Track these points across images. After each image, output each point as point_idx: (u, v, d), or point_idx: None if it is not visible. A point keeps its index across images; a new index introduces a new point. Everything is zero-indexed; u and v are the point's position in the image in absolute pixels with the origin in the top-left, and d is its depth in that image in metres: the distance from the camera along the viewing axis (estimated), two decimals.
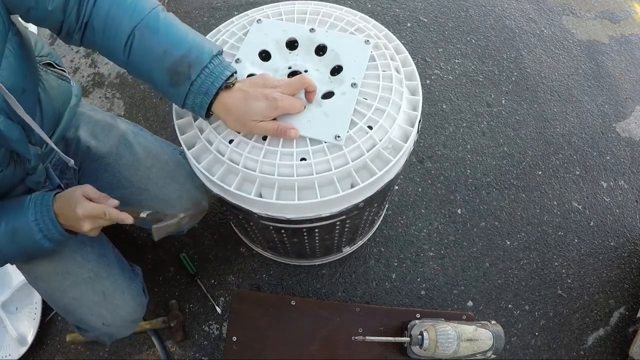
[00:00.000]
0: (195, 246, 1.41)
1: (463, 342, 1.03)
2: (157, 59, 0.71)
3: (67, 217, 0.79)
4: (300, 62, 0.88)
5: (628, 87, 1.77)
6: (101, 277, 0.95)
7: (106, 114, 1.08)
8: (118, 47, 0.72)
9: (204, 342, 1.30)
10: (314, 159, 0.77)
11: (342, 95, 0.83)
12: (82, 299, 0.94)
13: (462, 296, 1.37)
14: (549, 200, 1.52)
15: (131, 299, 0.99)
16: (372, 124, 0.81)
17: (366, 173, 0.80)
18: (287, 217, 0.81)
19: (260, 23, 0.93)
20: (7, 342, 1.25)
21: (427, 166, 1.55)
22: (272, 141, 0.79)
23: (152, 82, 0.76)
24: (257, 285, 1.36)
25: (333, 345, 1.18)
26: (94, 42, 0.74)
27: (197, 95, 0.73)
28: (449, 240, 1.44)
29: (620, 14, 1.96)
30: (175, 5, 1.92)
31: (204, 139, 0.82)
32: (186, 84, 0.71)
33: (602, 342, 1.34)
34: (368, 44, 0.90)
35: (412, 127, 0.84)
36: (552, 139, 1.63)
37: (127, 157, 1.01)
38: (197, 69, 0.71)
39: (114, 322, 0.97)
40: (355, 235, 1.22)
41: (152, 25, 0.71)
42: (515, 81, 1.74)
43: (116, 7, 0.70)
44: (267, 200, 0.77)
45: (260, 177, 0.77)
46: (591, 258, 1.45)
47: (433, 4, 1.91)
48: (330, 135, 0.78)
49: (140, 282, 1.06)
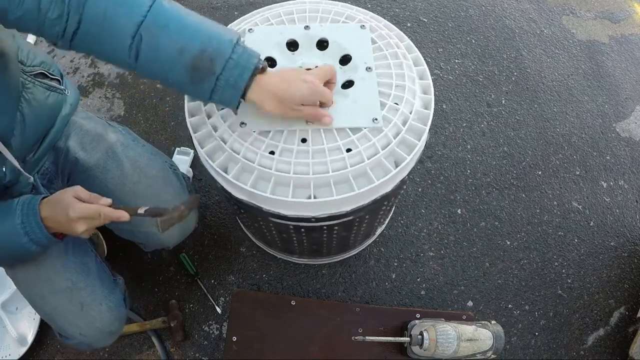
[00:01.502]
0: (195, 246, 1.41)
1: (463, 342, 1.03)
2: (172, 58, 0.64)
3: (57, 221, 0.78)
4: (306, 60, 0.89)
5: (628, 87, 1.77)
6: (79, 287, 0.94)
7: (99, 123, 1.05)
8: (121, 51, 0.64)
9: (204, 342, 1.30)
10: (361, 146, 0.78)
11: (362, 81, 0.85)
12: (59, 308, 0.93)
13: (462, 296, 1.37)
14: (549, 200, 1.52)
15: (108, 310, 0.97)
16: (397, 101, 0.84)
17: (405, 148, 0.83)
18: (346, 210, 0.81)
19: (252, 32, 0.92)
20: (7, 342, 1.25)
21: (427, 166, 1.55)
22: (315, 139, 0.80)
23: (169, 82, 0.69)
24: (257, 285, 1.36)
25: (333, 345, 1.18)
26: (87, 47, 0.66)
27: (225, 89, 0.67)
28: (449, 240, 1.44)
29: (620, 14, 1.96)
30: None
31: (218, 137, 0.82)
32: (211, 80, 0.65)
33: (602, 342, 1.34)
34: (364, 28, 0.92)
35: (430, 95, 0.88)
36: (552, 139, 1.63)
37: (114, 170, 1.00)
38: (221, 62, 0.64)
39: (91, 333, 0.95)
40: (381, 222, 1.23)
41: (160, 22, 0.63)
42: (515, 81, 1.74)
43: (113, 5, 0.62)
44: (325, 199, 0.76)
45: (314, 178, 0.77)
46: (591, 258, 1.45)
47: (433, 4, 1.91)
48: (367, 120, 0.80)
49: (120, 293, 1.04)
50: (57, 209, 0.77)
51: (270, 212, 0.82)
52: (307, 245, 1.11)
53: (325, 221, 0.84)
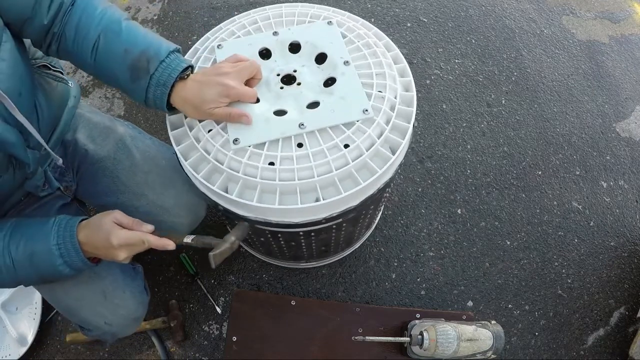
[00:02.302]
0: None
1: (463, 342, 1.03)
2: (119, 58, 0.76)
3: (95, 247, 0.77)
4: (283, 66, 0.89)
5: (628, 87, 1.77)
6: (101, 276, 0.95)
7: (105, 116, 1.07)
8: (86, 52, 0.76)
9: (204, 342, 1.30)
10: (358, 140, 0.79)
11: (343, 76, 0.86)
12: (83, 299, 0.94)
13: (462, 296, 1.37)
14: (549, 200, 1.52)
15: (132, 297, 0.99)
16: (381, 89, 0.85)
17: (397, 133, 0.84)
18: (354, 204, 0.82)
19: (222, 48, 0.91)
20: (7, 342, 1.25)
21: (427, 166, 1.55)
22: (312, 142, 0.80)
23: (116, 81, 0.79)
24: (257, 285, 1.36)
25: (333, 345, 1.18)
26: (66, 49, 0.78)
27: (157, 88, 0.76)
28: (449, 240, 1.44)
29: (620, 14, 1.96)
30: (175, 5, 1.92)
31: (201, 148, 0.81)
32: (146, 78, 0.76)
33: (602, 342, 1.34)
34: (331, 24, 0.93)
35: (408, 77, 0.90)
36: (552, 139, 1.63)
37: (124, 161, 1.00)
38: (155, 63, 0.75)
39: (116, 321, 0.97)
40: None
41: (115, 29, 0.76)
42: (515, 81, 1.74)
43: (85, 17, 0.76)
44: (334, 199, 0.77)
45: (319, 180, 0.77)
46: (591, 258, 1.45)
47: (433, 4, 1.91)
48: (358, 112, 0.81)
49: (141, 280, 1.06)
50: (97, 235, 0.76)
51: (280, 223, 0.82)
52: (316, 247, 1.10)
53: (335, 220, 0.84)
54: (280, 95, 0.85)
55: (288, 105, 0.84)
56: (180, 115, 0.87)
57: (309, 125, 0.80)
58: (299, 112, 0.83)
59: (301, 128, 0.80)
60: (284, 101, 0.85)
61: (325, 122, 0.80)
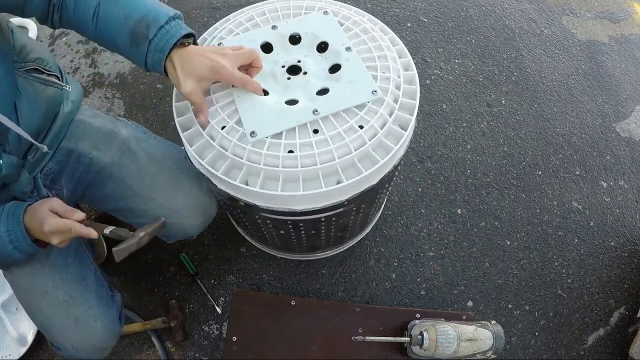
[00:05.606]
0: (195, 246, 1.41)
1: (463, 342, 1.03)
2: (119, 23, 0.76)
3: (36, 231, 0.80)
4: (286, 58, 0.91)
5: (628, 87, 1.77)
6: (76, 302, 0.94)
7: (107, 119, 1.05)
8: (87, 20, 0.77)
9: (204, 342, 1.30)
10: (371, 119, 0.81)
11: (347, 61, 0.88)
12: (55, 320, 0.94)
13: (462, 296, 1.37)
14: (549, 200, 1.52)
15: (102, 327, 0.97)
16: (384, 70, 0.87)
17: (405, 110, 0.86)
18: (372, 184, 0.83)
19: (222, 46, 0.92)
20: (7, 342, 1.25)
21: (427, 166, 1.55)
22: (327, 126, 0.81)
23: (117, 47, 0.80)
24: (257, 285, 1.36)
25: (333, 345, 1.18)
26: (68, 19, 0.79)
27: (155, 53, 0.76)
28: (449, 240, 1.44)
29: (620, 14, 1.96)
30: (175, 6, 1.91)
31: (206, 135, 0.82)
32: (145, 44, 0.76)
33: (602, 342, 1.34)
34: (327, 14, 0.96)
35: (407, 57, 0.94)
36: (552, 139, 1.63)
37: (130, 165, 0.99)
38: (155, 29, 0.75)
39: (83, 348, 0.95)
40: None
41: None
42: (515, 81, 1.74)
43: None
44: (355, 179, 0.78)
45: (340, 162, 0.78)
46: (591, 258, 1.45)
47: (433, 4, 1.91)
48: (368, 94, 0.83)
49: (116, 310, 1.04)
50: (35, 220, 0.79)
51: (304, 211, 0.82)
52: (334, 233, 1.11)
53: (356, 201, 0.86)
54: (288, 86, 0.87)
55: (298, 94, 0.85)
56: (190, 116, 0.86)
57: (322, 111, 0.81)
58: (310, 99, 0.84)
59: (315, 114, 0.81)
60: (293, 91, 0.86)
61: (339, 106, 0.82)
